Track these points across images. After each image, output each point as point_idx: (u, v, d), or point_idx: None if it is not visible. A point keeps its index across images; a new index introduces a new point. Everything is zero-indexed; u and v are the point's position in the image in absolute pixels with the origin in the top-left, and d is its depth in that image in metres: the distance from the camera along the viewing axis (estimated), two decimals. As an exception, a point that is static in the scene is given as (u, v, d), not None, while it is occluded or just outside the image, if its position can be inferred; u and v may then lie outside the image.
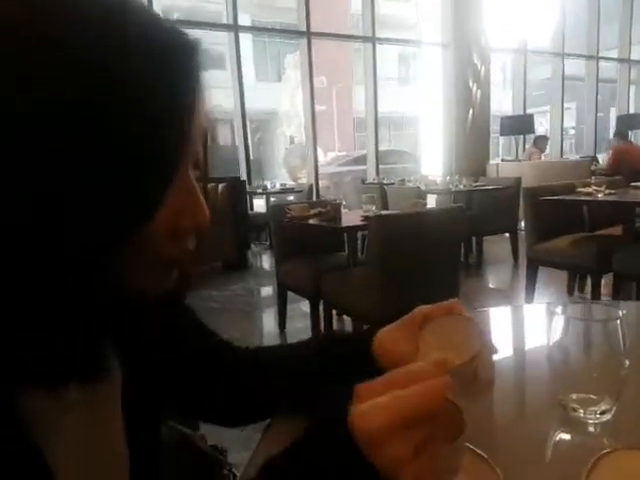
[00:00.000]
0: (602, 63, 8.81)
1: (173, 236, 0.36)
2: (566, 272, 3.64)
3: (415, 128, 15.02)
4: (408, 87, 16.64)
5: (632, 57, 9.11)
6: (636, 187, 3.47)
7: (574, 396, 0.51)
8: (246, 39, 14.46)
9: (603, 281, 3.12)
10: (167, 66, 0.33)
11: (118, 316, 0.40)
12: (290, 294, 2.98)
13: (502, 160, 7.13)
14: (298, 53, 7.00)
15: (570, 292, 3.71)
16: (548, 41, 8.28)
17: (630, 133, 7.05)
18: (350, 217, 2.80)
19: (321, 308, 2.63)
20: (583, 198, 3.17)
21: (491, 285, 4.57)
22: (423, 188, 4.69)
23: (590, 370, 0.51)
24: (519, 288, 3.73)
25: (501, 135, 7.28)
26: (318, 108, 6.83)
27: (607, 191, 3.22)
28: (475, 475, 0.42)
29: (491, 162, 6.87)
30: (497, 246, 5.14)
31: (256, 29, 10.99)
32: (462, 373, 0.45)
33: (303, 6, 6.28)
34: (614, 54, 9.11)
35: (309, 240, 2.93)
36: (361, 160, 8.01)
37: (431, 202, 5.40)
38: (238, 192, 4.95)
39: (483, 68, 6.72)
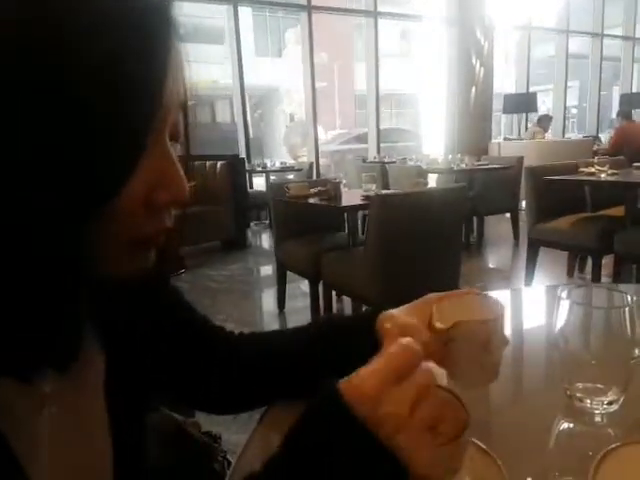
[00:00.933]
0: (606, 41, 8.64)
1: (148, 211, 0.33)
2: (566, 253, 3.62)
3: (417, 106, 14.81)
4: (410, 64, 16.36)
5: (637, 35, 8.94)
6: (639, 167, 3.43)
7: (580, 385, 0.49)
8: (246, 13, 14.13)
9: (603, 262, 3.10)
10: (137, 24, 0.31)
11: (96, 299, 0.38)
12: (290, 274, 2.97)
13: (504, 139, 7.06)
14: (299, 28, 6.85)
15: (570, 273, 3.70)
16: (553, 18, 8.11)
17: (633, 112, 6.95)
18: (350, 196, 2.77)
19: (321, 288, 2.62)
20: (585, 178, 3.14)
21: (491, 265, 4.57)
22: (424, 167, 4.64)
23: (597, 358, 0.49)
24: (519, 268, 3.72)
25: (504, 113, 7.19)
26: (319, 85, 6.72)
27: (610, 171, 3.19)
28: (476, 468, 0.40)
29: (493, 141, 6.79)
30: (498, 226, 5.12)
31: (255, 2, 10.71)
32: (475, 336, 0.44)
33: (304, -21, 6.12)
34: (619, 32, 8.94)
35: (309, 219, 2.91)
36: (362, 138, 7.91)
37: (432, 181, 5.35)
38: (237, 170, 4.90)
39: (487, 45, 6.59)
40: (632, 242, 2.92)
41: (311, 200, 2.66)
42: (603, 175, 3.14)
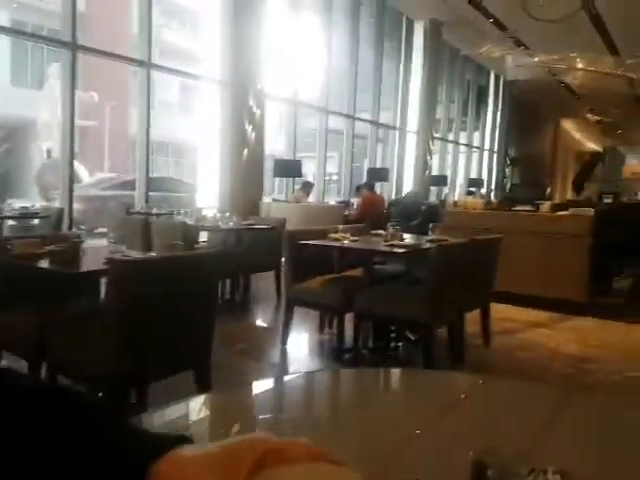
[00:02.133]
0: (358, 122, 10.26)
1: None
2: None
3: (195, 157, 14.90)
4: (190, 116, 16.49)
5: (380, 121, 10.88)
6: (376, 234, 3.96)
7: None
8: (4, 40, 12.28)
9: (350, 317, 3.40)
10: None
11: None
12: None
13: (273, 200, 7.54)
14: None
15: (321, 329, 4.01)
16: (316, 96, 9.24)
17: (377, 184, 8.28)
18: (95, 257, 2.45)
19: (45, 371, 2.18)
20: (331, 243, 3.48)
21: (255, 323, 4.66)
22: (191, 223, 4.54)
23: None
24: (280, 325, 3.85)
25: (274, 176, 7.72)
26: (86, 124, 6.15)
27: (352, 238, 3.61)
28: None
29: (265, 200, 7.18)
30: (264, 283, 5.30)
31: (10, 31, 9.25)
32: None
33: (69, 15, 5.55)
34: (367, 116, 10.71)
35: (38, 282, 2.45)
36: (134, 184, 7.43)
37: (204, 236, 5.30)
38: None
39: (258, 111, 7.05)
40: (367, 302, 3.31)
41: (42, 262, 2.27)
42: (346, 241, 3.54)
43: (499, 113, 15.85)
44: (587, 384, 3.14)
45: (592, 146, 24.92)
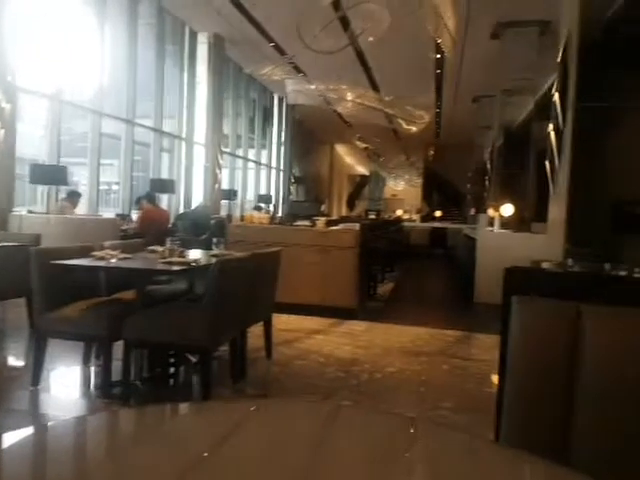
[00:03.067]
0: (139, 128, 9.54)
1: None
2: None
3: None
4: None
5: (164, 129, 10.31)
6: (153, 251, 3.61)
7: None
8: None
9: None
10: None
11: None
12: None
13: (28, 212, 6.36)
14: None
15: (86, 361, 3.47)
16: (88, 97, 8.25)
17: (159, 196, 7.77)
18: None
19: None
20: (93, 263, 3.02)
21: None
22: None
23: None
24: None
25: (31, 183, 6.53)
26: None
27: (122, 255, 3.20)
28: None
29: (16, 212, 6.00)
30: (14, 313, 4.39)
31: None
32: None
33: None
34: (150, 123, 10.04)
35: None
36: None
37: None
38: None
39: (8, 107, 5.90)
40: (140, 326, 2.96)
41: None
42: (114, 259, 3.11)
43: (283, 133, 16.83)
44: (354, 385, 3.40)
45: (361, 169, 28.54)
